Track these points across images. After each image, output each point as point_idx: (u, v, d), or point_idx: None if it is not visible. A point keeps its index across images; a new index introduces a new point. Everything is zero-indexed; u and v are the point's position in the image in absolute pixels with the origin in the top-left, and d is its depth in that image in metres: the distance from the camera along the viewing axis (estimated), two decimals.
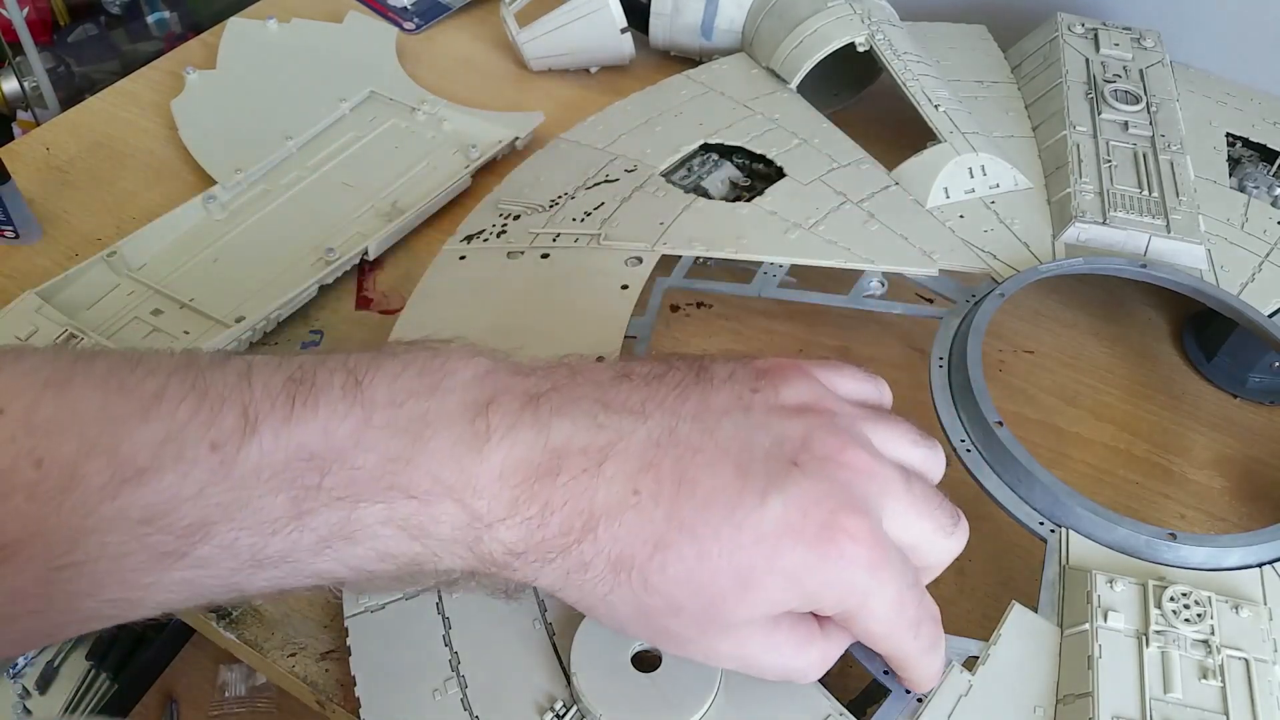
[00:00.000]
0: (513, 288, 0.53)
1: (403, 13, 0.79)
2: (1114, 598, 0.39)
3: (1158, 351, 0.58)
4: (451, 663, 0.39)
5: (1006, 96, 0.66)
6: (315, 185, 0.62)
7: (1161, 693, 0.36)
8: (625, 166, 0.60)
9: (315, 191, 0.62)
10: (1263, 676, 0.37)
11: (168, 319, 0.53)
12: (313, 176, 0.62)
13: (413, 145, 0.65)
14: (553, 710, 0.37)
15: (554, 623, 0.39)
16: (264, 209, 0.60)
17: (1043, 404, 0.55)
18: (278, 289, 0.55)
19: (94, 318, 0.53)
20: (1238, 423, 0.54)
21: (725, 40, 0.71)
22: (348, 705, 0.40)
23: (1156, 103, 0.62)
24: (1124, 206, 0.55)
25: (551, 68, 0.75)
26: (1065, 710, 0.36)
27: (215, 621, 0.43)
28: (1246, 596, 0.39)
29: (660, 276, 0.53)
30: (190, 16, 0.95)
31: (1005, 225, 0.56)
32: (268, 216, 0.60)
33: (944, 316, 0.51)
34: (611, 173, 0.60)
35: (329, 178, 0.63)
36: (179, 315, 0.53)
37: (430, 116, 0.67)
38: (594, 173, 0.60)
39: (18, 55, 1.10)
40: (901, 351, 0.56)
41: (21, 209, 0.59)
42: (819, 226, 0.55)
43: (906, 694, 0.37)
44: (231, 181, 0.60)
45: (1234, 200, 0.59)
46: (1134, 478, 0.51)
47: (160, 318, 0.53)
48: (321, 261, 0.56)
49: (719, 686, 0.36)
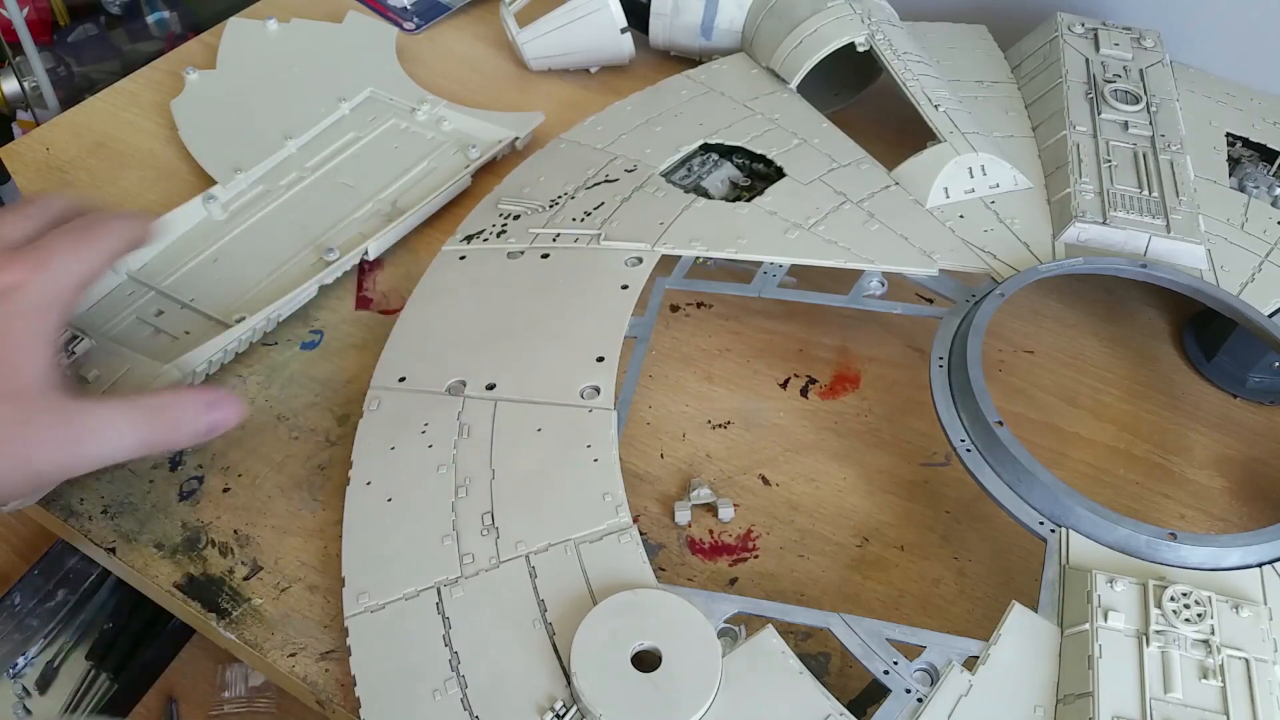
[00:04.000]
0: (513, 288, 0.53)
1: (403, 13, 0.79)
2: (1114, 598, 0.39)
3: (1158, 351, 0.58)
4: (451, 663, 0.39)
5: (1006, 96, 0.66)
6: (315, 185, 0.62)
7: (1162, 693, 0.36)
8: (625, 166, 0.60)
9: (315, 191, 0.61)
10: (1263, 676, 0.37)
11: (169, 319, 0.53)
12: (312, 177, 0.62)
13: (412, 145, 0.65)
14: (553, 710, 0.37)
15: (554, 623, 0.39)
16: (264, 209, 0.60)
17: (1043, 404, 0.55)
18: (277, 289, 0.55)
19: (95, 318, 0.53)
20: (1238, 423, 0.54)
21: (725, 40, 0.71)
22: (348, 705, 0.40)
23: (1156, 103, 0.62)
24: (1124, 206, 0.55)
25: (551, 68, 0.75)
26: (1065, 710, 0.36)
27: (215, 621, 0.43)
28: (1246, 596, 0.39)
29: (660, 276, 0.53)
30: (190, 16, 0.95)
31: (1005, 225, 0.56)
32: (268, 216, 0.59)
33: (944, 316, 0.51)
34: (611, 173, 0.60)
35: (329, 178, 0.62)
36: (180, 315, 0.53)
37: (430, 116, 0.67)
38: (594, 173, 0.60)
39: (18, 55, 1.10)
40: (901, 351, 0.56)
41: None
42: (819, 226, 0.55)
43: (906, 693, 0.37)
44: (231, 181, 0.60)
45: (1234, 200, 0.59)
46: (1134, 478, 0.51)
47: (161, 318, 0.53)
48: (321, 262, 0.56)
49: (719, 686, 0.37)
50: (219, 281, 0.56)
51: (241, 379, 0.53)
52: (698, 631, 0.38)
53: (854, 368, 0.55)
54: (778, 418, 0.53)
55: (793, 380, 0.55)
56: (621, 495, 0.43)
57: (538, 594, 0.40)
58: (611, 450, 0.45)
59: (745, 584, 0.46)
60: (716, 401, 0.53)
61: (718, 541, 0.47)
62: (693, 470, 0.50)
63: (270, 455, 0.49)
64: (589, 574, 0.41)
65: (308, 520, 0.47)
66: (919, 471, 0.51)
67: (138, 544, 0.46)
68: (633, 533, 0.42)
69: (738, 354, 0.56)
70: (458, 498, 0.44)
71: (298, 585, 0.45)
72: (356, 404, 0.50)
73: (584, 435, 0.46)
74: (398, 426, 0.47)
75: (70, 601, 0.73)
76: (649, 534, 0.47)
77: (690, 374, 0.55)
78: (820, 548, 0.47)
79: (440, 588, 0.41)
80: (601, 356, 0.48)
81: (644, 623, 0.38)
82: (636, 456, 0.50)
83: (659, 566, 0.46)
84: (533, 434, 0.46)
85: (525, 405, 0.47)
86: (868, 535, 0.48)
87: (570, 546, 0.42)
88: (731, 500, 0.48)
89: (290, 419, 0.51)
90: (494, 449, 0.45)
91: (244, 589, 0.44)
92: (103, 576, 0.74)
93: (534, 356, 0.49)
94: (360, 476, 0.46)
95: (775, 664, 0.38)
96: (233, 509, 0.47)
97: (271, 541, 0.46)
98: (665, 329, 0.57)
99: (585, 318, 0.51)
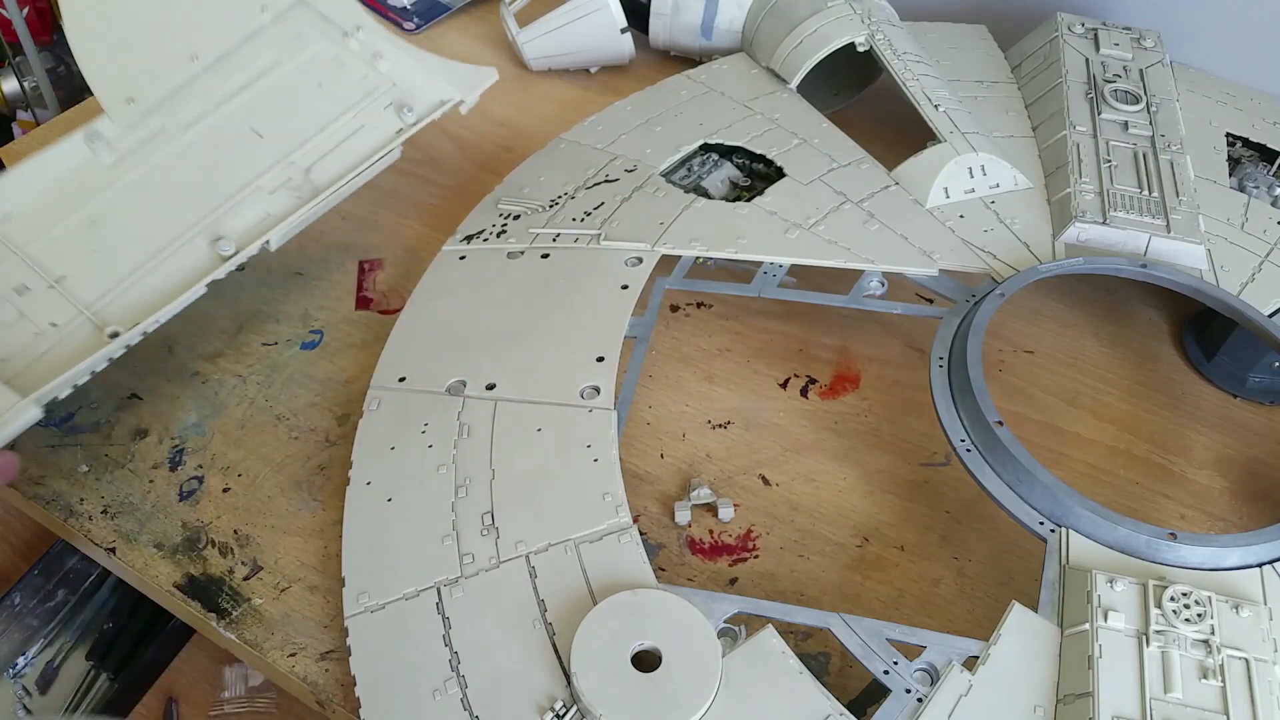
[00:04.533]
0: (513, 288, 0.53)
1: (403, 13, 0.79)
2: (1114, 598, 0.39)
3: (1158, 351, 0.58)
4: (451, 663, 0.39)
5: (1006, 96, 0.66)
6: (221, 127, 0.52)
7: (1161, 692, 0.36)
8: (625, 166, 0.60)
9: (220, 136, 0.52)
10: (1263, 676, 0.37)
11: (34, 301, 0.47)
12: (217, 113, 0.52)
13: (340, 86, 0.55)
14: (553, 710, 0.37)
15: (554, 623, 0.39)
16: (156, 156, 0.50)
17: (1043, 404, 0.55)
18: (160, 284, 0.48)
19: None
20: (1238, 423, 0.54)
21: (725, 40, 0.71)
22: (348, 705, 0.40)
23: (1156, 103, 0.62)
24: (1124, 206, 0.55)
25: (551, 68, 0.75)
26: (1065, 710, 0.36)
27: (215, 621, 0.43)
28: (1246, 596, 0.39)
29: (660, 276, 0.53)
30: None
31: (1005, 225, 0.56)
32: (159, 168, 0.50)
33: (944, 316, 0.51)
34: (611, 173, 0.60)
35: (236, 119, 0.52)
36: (46, 298, 0.47)
37: (364, 48, 0.55)
38: (594, 173, 0.60)
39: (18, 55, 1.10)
40: (901, 351, 0.56)
41: None
42: (819, 226, 0.55)
43: (906, 693, 0.37)
44: (123, 115, 0.50)
45: (1234, 200, 0.59)
46: (1134, 478, 0.51)
47: (26, 297, 0.47)
48: (212, 252, 0.49)
49: (719, 686, 0.37)
50: (94, 254, 0.48)
51: (241, 379, 0.53)
52: (698, 631, 0.38)
53: (854, 368, 0.55)
54: (778, 418, 0.53)
55: (793, 380, 0.55)
56: (621, 495, 0.43)
57: (538, 594, 0.40)
58: (611, 450, 0.45)
59: (745, 584, 0.46)
60: (716, 401, 0.53)
61: (718, 541, 0.47)
62: (693, 470, 0.50)
63: (270, 455, 0.49)
64: (589, 574, 0.41)
65: (308, 520, 0.47)
66: (919, 471, 0.51)
67: (138, 544, 0.46)
68: (633, 533, 0.42)
69: (738, 354, 0.56)
70: (458, 498, 0.44)
71: (298, 585, 0.45)
72: (356, 404, 0.50)
73: (584, 435, 0.46)
74: (398, 426, 0.47)
75: (70, 601, 0.73)
76: (649, 534, 0.47)
77: (690, 374, 0.55)
78: (820, 548, 0.47)
79: (440, 588, 0.41)
80: (601, 356, 0.48)
81: (644, 623, 0.38)
82: (636, 456, 0.50)
83: (659, 566, 0.46)
84: (533, 434, 0.46)
85: (525, 405, 0.47)
86: (868, 535, 0.48)
87: (570, 546, 0.42)
88: (731, 500, 0.48)
89: (290, 419, 0.51)
90: (494, 449, 0.46)
91: (244, 589, 0.44)
92: (103, 576, 0.74)
93: (534, 356, 0.49)
94: (360, 476, 0.46)
95: (775, 664, 0.38)
96: (233, 509, 0.47)
97: (271, 541, 0.46)
98: (665, 329, 0.57)
99: (585, 318, 0.51)
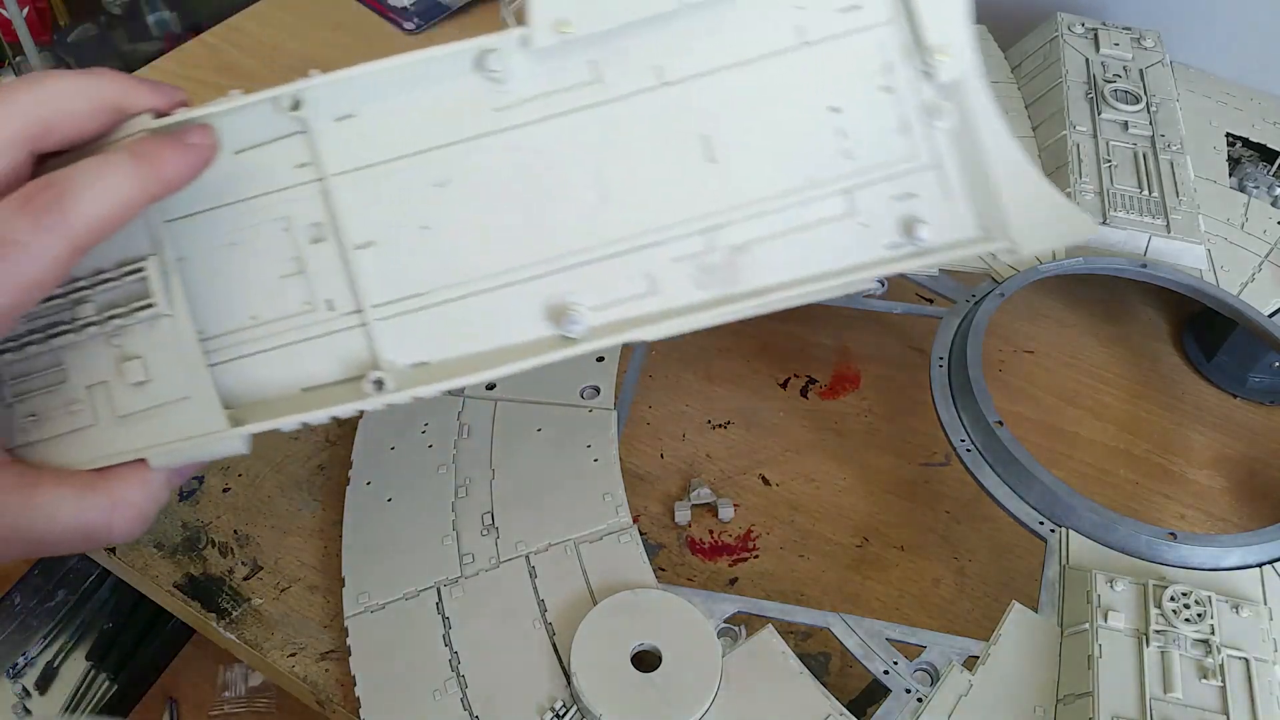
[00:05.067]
0: None
1: (403, 13, 0.79)
2: (1114, 597, 0.39)
3: (1158, 351, 0.58)
4: (451, 663, 0.39)
5: (1006, 96, 0.66)
6: (659, 116, 0.32)
7: (1161, 692, 0.36)
8: None
9: (648, 130, 0.32)
10: (1263, 676, 0.37)
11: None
12: (665, 94, 0.32)
13: (859, 129, 0.34)
14: (553, 710, 0.37)
15: (554, 623, 0.39)
16: (545, 129, 0.31)
17: (1043, 404, 0.55)
18: (486, 348, 0.33)
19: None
20: (1238, 423, 0.54)
21: None
22: (348, 705, 0.40)
23: (1156, 103, 0.62)
24: (1124, 206, 0.55)
25: None
26: (1065, 710, 0.36)
27: (215, 621, 0.43)
28: (1246, 596, 0.39)
29: None
30: (190, 16, 0.96)
31: None
32: (544, 149, 0.32)
33: (944, 316, 0.51)
34: None
35: (688, 117, 0.32)
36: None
37: (932, 92, 0.35)
38: None
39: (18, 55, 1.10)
40: (901, 351, 0.56)
41: None
42: None
43: (906, 693, 0.37)
44: (544, 37, 0.30)
45: (1234, 200, 0.59)
46: (1134, 478, 0.51)
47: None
48: (551, 320, 0.35)
49: (719, 686, 0.37)
50: (430, 268, 0.31)
51: None
52: (698, 631, 0.38)
53: (854, 368, 0.55)
54: (778, 418, 0.53)
55: (793, 380, 0.55)
56: (621, 495, 0.43)
57: (538, 594, 0.40)
58: (611, 450, 0.45)
59: (745, 584, 0.46)
60: (716, 401, 0.53)
61: (718, 541, 0.47)
62: (693, 470, 0.50)
63: (270, 455, 0.49)
64: (589, 574, 0.41)
65: (308, 520, 0.47)
66: (919, 471, 0.51)
67: (137, 544, 0.46)
68: (633, 533, 0.42)
69: (738, 354, 0.56)
70: (458, 498, 0.44)
71: (298, 585, 0.44)
72: None
73: (584, 435, 0.46)
74: (398, 426, 0.47)
75: (70, 601, 0.73)
76: (649, 534, 0.47)
77: (690, 374, 0.55)
78: (820, 548, 0.47)
79: (440, 588, 0.41)
80: (601, 356, 0.48)
81: (644, 623, 0.38)
82: (636, 456, 0.50)
83: (659, 566, 0.46)
84: (533, 434, 0.46)
85: (525, 405, 0.47)
86: (868, 535, 0.48)
87: (570, 546, 0.42)
88: (731, 500, 0.48)
89: None
90: (494, 449, 0.46)
91: (244, 589, 0.44)
92: (103, 576, 0.74)
93: None
94: (360, 476, 0.46)
95: (775, 664, 0.38)
96: (233, 509, 0.47)
97: (271, 541, 0.46)
98: None
99: None
